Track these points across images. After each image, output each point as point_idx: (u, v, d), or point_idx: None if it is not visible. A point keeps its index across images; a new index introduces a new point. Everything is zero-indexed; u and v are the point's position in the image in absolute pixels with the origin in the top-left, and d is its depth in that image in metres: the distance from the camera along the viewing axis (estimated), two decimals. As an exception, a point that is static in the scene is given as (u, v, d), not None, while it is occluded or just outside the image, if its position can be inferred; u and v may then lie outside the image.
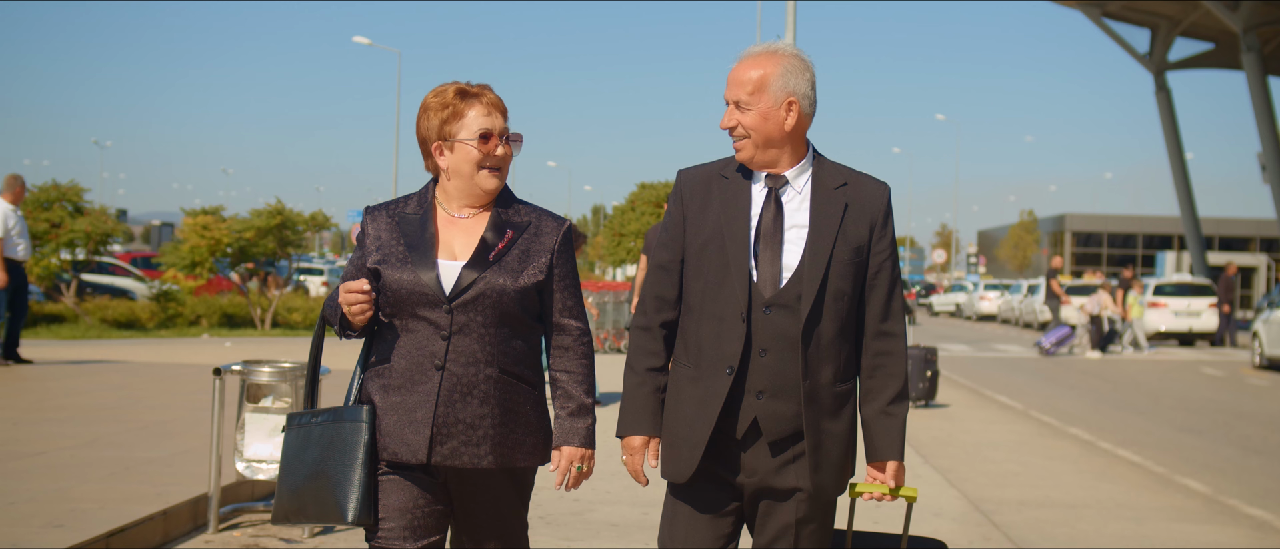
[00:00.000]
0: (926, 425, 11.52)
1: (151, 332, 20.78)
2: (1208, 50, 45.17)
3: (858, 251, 3.10)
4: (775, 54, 3.13)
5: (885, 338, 3.14)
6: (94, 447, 7.43)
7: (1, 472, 6.50)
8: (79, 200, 21.75)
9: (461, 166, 3.12)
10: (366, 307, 3.04)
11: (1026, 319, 38.74)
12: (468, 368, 3.04)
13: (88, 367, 12.95)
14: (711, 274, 3.09)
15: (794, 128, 3.11)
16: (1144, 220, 74.34)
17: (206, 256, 22.40)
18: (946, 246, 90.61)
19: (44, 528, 5.17)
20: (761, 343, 3.05)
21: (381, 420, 3.06)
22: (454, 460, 3.04)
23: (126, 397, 10.24)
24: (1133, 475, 9.10)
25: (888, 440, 3.15)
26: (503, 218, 3.16)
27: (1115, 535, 6.82)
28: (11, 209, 11.96)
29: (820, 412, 3.08)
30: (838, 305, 3.08)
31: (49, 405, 9.56)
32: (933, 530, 6.60)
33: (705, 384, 3.07)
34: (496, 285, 3.06)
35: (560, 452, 3.16)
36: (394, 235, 3.13)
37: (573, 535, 6.10)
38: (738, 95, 3.10)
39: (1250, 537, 7.01)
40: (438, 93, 3.16)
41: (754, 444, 3.08)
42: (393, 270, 3.07)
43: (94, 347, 16.44)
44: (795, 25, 21.49)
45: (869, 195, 3.16)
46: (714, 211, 3.14)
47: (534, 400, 3.16)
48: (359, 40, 45.64)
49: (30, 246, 12.32)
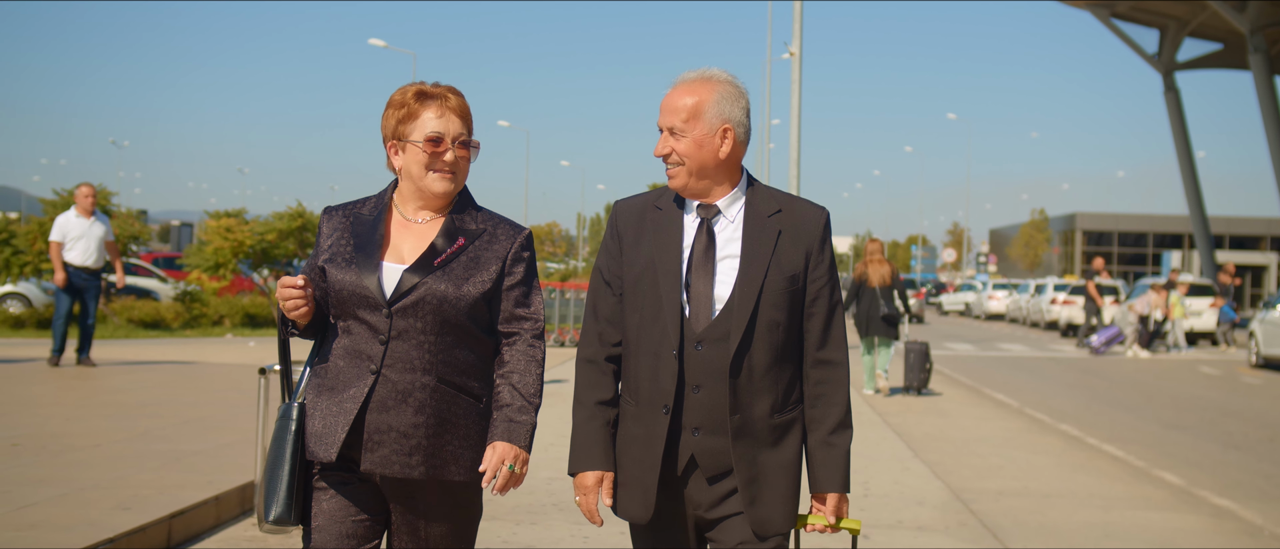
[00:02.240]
0: (920, 421, 12.10)
1: (177, 331, 21.45)
2: (1216, 51, 45.51)
3: (793, 279, 3.05)
4: (710, 80, 3.07)
5: (824, 366, 3.10)
6: (144, 440, 8.07)
7: (66, 462, 7.15)
8: (107, 204, 22.47)
9: (411, 168, 3.07)
10: (300, 302, 2.96)
11: (1034, 318, 39.15)
12: (404, 374, 2.97)
13: (126, 367, 13.62)
14: (646, 309, 3.05)
15: (728, 156, 3.06)
16: (1154, 219, 74.58)
17: (229, 258, 23.16)
18: (957, 245, 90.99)
19: (112, 511, 5.80)
20: (694, 379, 3.00)
21: (310, 419, 3.01)
22: (385, 469, 2.97)
23: (167, 394, 10.90)
24: (1111, 469, 9.66)
25: (829, 471, 3.08)
26: (456, 224, 3.09)
27: (1081, 522, 7.40)
28: (75, 217, 12.72)
29: (755, 444, 3.03)
30: (772, 336, 3.02)
31: (97, 402, 10.23)
32: (913, 518, 7.20)
33: (645, 423, 3.04)
34: (438, 291, 2.99)
35: (493, 448, 3.02)
36: (345, 235, 3.09)
37: (582, 519, 6.69)
38: (672, 122, 3.05)
39: (1207, 524, 7.57)
40: (401, 91, 3.11)
41: (692, 478, 3.05)
42: (337, 270, 3.03)
43: (124, 346, 17.11)
44: (801, 25, 21.96)
45: (804, 221, 3.10)
46: (647, 244, 3.09)
47: (476, 413, 3.05)
48: (375, 42, 46.23)
49: (93, 252, 12.82)
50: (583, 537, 6.30)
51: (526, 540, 6.24)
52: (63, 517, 5.67)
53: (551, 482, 7.74)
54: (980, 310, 48.81)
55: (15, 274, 21.54)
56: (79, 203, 12.84)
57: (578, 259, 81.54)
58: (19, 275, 21.59)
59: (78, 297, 12.81)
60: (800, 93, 22.16)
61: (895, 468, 8.95)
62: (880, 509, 7.36)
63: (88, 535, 5.28)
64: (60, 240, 12.68)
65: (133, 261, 24.68)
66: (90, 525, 5.48)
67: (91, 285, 12.86)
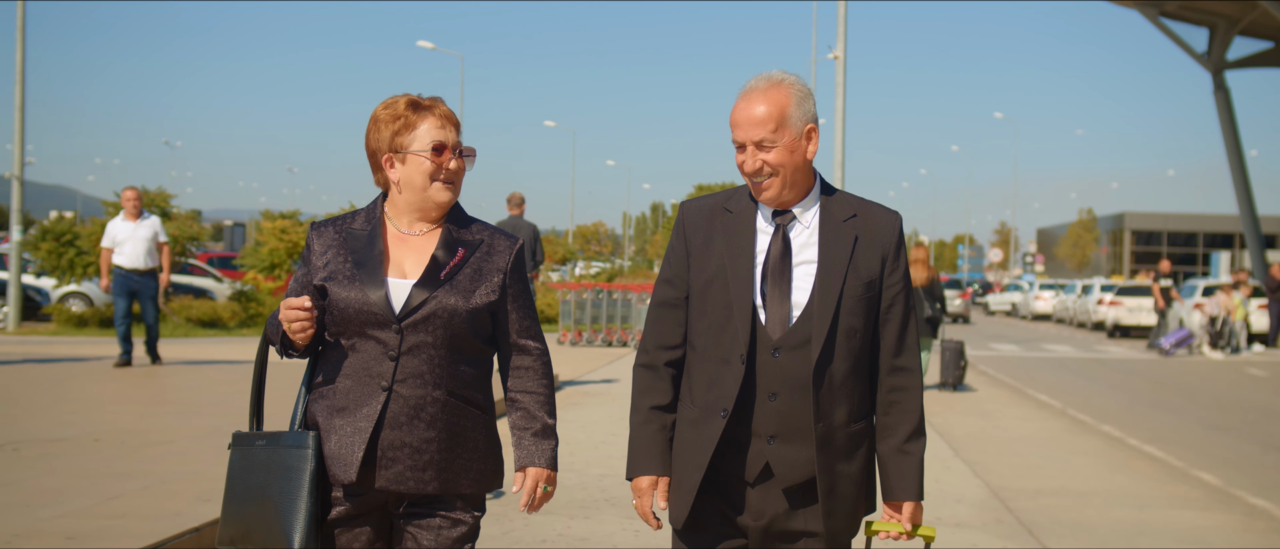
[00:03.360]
0: (962, 421, 12.33)
1: (233, 330, 22.01)
2: (1267, 49, 45.06)
3: (870, 286, 3.01)
4: (782, 84, 3.00)
5: (900, 373, 3.05)
6: (214, 435, 8.47)
7: (145, 456, 7.57)
8: (167, 206, 23.15)
9: (413, 179, 3.05)
10: (307, 324, 2.94)
11: (1080, 319, 39.05)
12: (416, 390, 2.97)
13: (190, 366, 14.12)
14: (715, 314, 3.01)
15: (813, 156, 3.03)
16: (1204, 218, 73.79)
17: (285, 258, 23.71)
18: (1005, 245, 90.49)
19: (194, 502, 6.19)
20: (770, 386, 2.97)
21: (325, 443, 2.99)
22: (399, 485, 2.97)
23: (231, 391, 11.34)
24: (1149, 469, 9.85)
25: (905, 481, 3.05)
26: (455, 236, 3.08)
27: (1115, 520, 7.62)
28: (122, 221, 13.17)
29: (834, 455, 2.99)
30: (850, 343, 2.98)
31: (166, 400, 10.70)
32: (952, 515, 7.47)
33: (700, 427, 3.01)
34: (448, 305, 2.99)
35: (525, 473, 3.10)
36: (341, 252, 3.06)
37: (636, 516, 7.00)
38: (758, 135, 2.97)
39: (1240, 522, 7.77)
40: (388, 105, 3.09)
41: (763, 487, 3.01)
42: (340, 288, 3.00)
43: (185, 344, 17.66)
44: (846, 26, 22.14)
45: (880, 226, 3.06)
46: (717, 248, 3.05)
47: (483, 425, 3.08)
48: (423, 44, 46.77)
49: (140, 254, 13.19)
50: (634, 532, 6.61)
51: (580, 533, 6.56)
52: (148, 507, 6.06)
53: (603, 478, 8.06)
54: (1026, 311, 48.68)
55: (78, 274, 22.23)
56: (125, 207, 13.30)
57: (623, 258, 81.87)
58: (82, 275, 22.28)
59: (134, 299, 13.23)
60: (845, 95, 22.37)
61: (936, 466, 9.20)
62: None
63: (174, 525, 5.66)
64: (109, 246, 13.13)
65: (189, 262, 25.27)
66: (175, 515, 5.86)
67: (145, 286, 13.13)
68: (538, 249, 12.45)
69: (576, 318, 21.86)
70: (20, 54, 21.23)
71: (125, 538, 5.41)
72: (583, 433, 10.18)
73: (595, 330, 21.95)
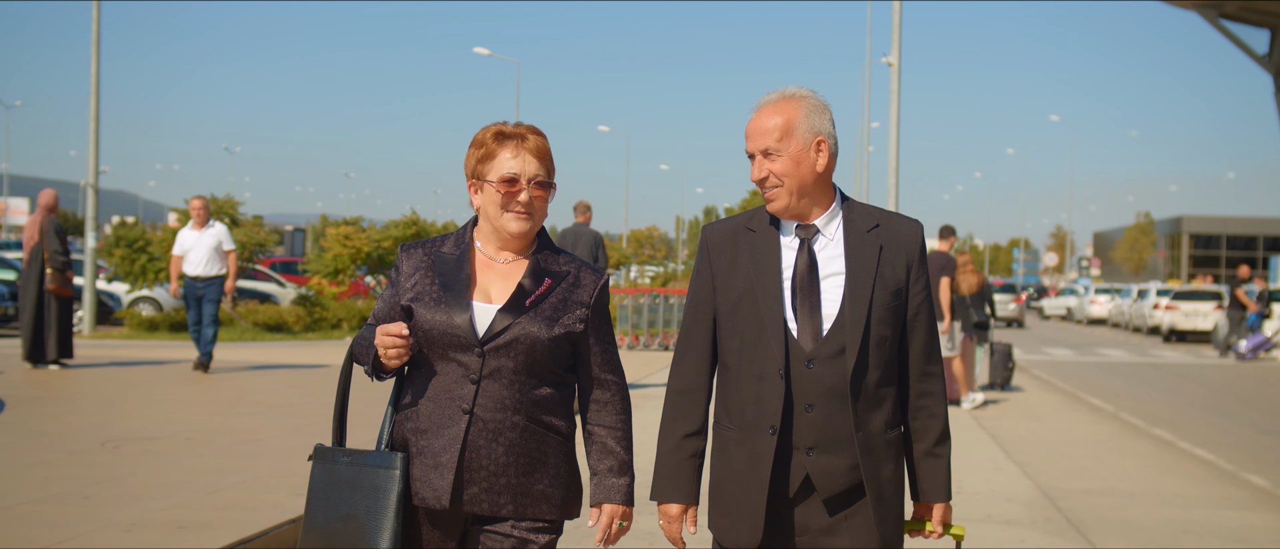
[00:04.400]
0: (1014, 425, 12.57)
1: (298, 334, 22.64)
2: (1327, 51, 44.52)
3: (897, 294, 3.08)
4: (793, 97, 3.08)
5: (928, 379, 3.15)
6: (298, 435, 8.95)
7: (237, 454, 8.07)
8: (235, 212, 23.86)
9: (488, 207, 3.09)
10: (403, 351, 2.99)
11: (1136, 323, 38.86)
12: (496, 413, 3.00)
13: (263, 371, 14.68)
14: (746, 332, 3.07)
15: (825, 169, 3.07)
16: (1264, 222, 72.85)
17: (348, 264, 24.35)
18: (1060, 249, 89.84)
19: (290, 496, 6.65)
20: (806, 398, 3.02)
21: (413, 464, 3.03)
22: (473, 506, 3.01)
23: (308, 395, 11.88)
24: (1199, 471, 10.07)
25: (936, 482, 3.15)
26: (542, 265, 3.11)
27: (1161, 519, 7.89)
28: (189, 229, 13.72)
29: (877, 462, 3.06)
30: (881, 351, 3.05)
31: (246, 401, 11.22)
32: (1002, 514, 7.77)
33: (750, 446, 3.06)
34: (530, 332, 3.01)
35: (601, 509, 3.14)
36: (429, 275, 3.09)
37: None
38: (764, 144, 3.05)
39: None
40: (483, 131, 3.12)
41: (806, 502, 3.07)
42: (426, 310, 3.03)
43: (253, 348, 18.27)
44: (901, 32, 22.30)
45: (902, 235, 3.13)
46: (743, 267, 3.10)
47: (562, 451, 3.10)
48: (479, 51, 47.33)
49: (203, 261, 13.51)
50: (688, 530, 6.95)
51: (648, 528, 6.91)
52: (249, 500, 6.53)
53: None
54: (1082, 315, 48.43)
55: (150, 280, 22.98)
56: (192, 216, 13.83)
57: (676, 263, 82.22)
58: (153, 281, 23.03)
59: (199, 304, 13.72)
60: (899, 101, 22.53)
61: (987, 468, 9.49)
62: (970, 505, 7.93)
63: (274, 517, 6.12)
64: (180, 254, 13.67)
65: (254, 268, 25.93)
66: (274, 508, 6.32)
67: (207, 292, 13.51)
68: (601, 256, 12.83)
69: (633, 322, 22.29)
70: (94, 66, 21.63)
71: (231, 528, 5.88)
72: (644, 434, 10.46)
73: (652, 334, 22.37)
